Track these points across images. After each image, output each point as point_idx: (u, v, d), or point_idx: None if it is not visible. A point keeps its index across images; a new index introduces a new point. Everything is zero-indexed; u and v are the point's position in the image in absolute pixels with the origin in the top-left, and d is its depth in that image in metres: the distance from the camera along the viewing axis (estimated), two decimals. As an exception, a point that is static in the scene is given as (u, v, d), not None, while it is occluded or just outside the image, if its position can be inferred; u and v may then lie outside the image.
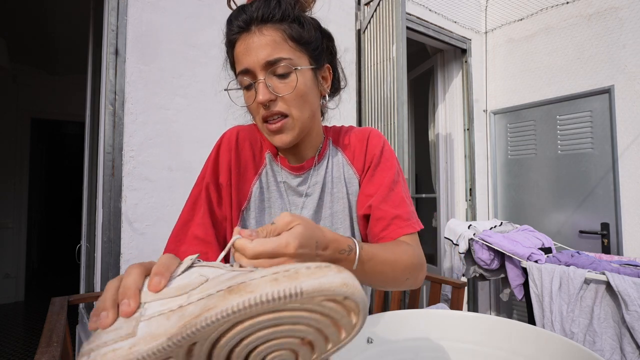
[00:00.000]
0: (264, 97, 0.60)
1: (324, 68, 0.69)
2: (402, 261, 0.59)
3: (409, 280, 0.60)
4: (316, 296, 0.28)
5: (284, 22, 0.61)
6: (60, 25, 3.09)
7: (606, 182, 2.26)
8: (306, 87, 0.63)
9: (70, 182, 5.98)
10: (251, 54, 0.60)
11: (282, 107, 0.62)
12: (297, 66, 0.61)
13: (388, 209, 0.67)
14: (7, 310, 3.79)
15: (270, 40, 0.60)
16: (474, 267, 2.12)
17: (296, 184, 0.71)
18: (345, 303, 0.30)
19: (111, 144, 1.39)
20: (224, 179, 0.68)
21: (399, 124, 1.85)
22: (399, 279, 0.58)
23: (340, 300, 0.30)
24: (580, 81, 2.39)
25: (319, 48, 0.66)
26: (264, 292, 0.27)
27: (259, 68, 0.60)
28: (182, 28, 1.56)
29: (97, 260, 1.43)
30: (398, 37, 1.84)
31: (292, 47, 0.61)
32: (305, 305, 0.29)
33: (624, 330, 1.53)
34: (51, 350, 0.72)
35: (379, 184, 0.70)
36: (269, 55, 0.59)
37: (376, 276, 0.55)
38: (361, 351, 0.51)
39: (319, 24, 0.68)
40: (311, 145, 0.72)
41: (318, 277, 0.28)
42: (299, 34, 0.62)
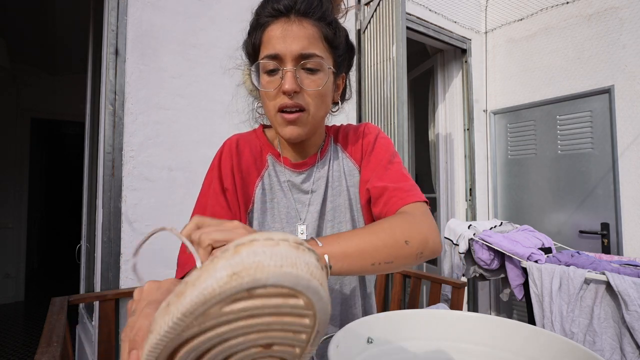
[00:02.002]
0: (291, 87, 0.59)
1: (340, 76, 0.71)
2: (398, 235, 0.54)
3: (420, 254, 0.55)
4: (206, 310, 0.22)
5: (322, 22, 0.62)
6: (60, 25, 3.09)
7: (606, 182, 2.26)
8: (328, 88, 0.64)
9: (70, 182, 5.98)
10: (287, 41, 0.59)
11: (304, 101, 0.62)
12: (328, 66, 0.63)
13: (385, 184, 0.66)
14: (7, 310, 3.79)
15: (309, 34, 0.60)
16: (474, 267, 2.12)
17: (300, 181, 0.72)
18: (258, 293, 0.22)
19: (111, 144, 1.39)
20: (229, 183, 0.69)
21: (399, 124, 1.85)
22: (405, 256, 0.54)
23: (247, 297, 0.22)
24: (580, 81, 2.39)
25: (343, 56, 0.68)
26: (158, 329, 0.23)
27: (291, 57, 0.60)
28: (182, 28, 1.56)
29: (97, 260, 1.43)
30: (398, 37, 1.84)
31: (324, 47, 0.63)
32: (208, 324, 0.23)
33: (624, 330, 1.53)
34: (51, 350, 0.72)
35: (374, 165, 0.71)
36: (305, 48, 0.60)
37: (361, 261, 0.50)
38: (361, 351, 0.51)
39: (348, 34, 0.70)
40: (314, 144, 0.73)
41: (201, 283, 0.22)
42: (332, 36, 0.64)
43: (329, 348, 0.43)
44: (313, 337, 0.27)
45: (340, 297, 0.73)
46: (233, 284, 0.21)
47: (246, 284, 0.21)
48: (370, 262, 0.51)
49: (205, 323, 0.22)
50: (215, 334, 0.23)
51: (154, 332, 0.23)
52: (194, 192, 1.59)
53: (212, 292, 0.21)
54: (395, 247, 0.53)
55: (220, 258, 0.23)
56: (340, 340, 0.46)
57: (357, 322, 0.52)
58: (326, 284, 0.25)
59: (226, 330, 0.23)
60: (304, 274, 0.23)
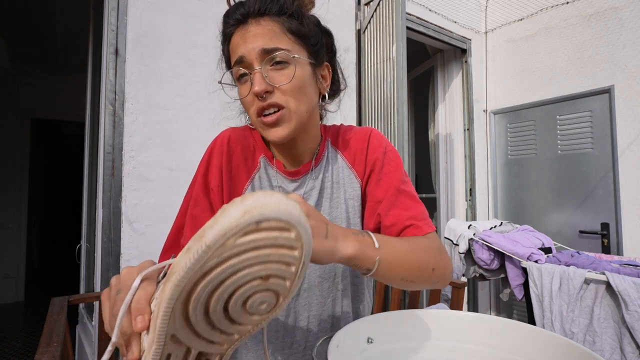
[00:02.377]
0: (260, 88, 0.57)
1: (323, 66, 0.67)
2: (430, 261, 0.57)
3: (436, 282, 0.58)
4: (224, 241, 0.27)
5: (282, 16, 0.59)
6: (60, 25, 3.09)
7: (606, 182, 2.26)
8: (304, 80, 0.61)
9: (70, 182, 5.98)
10: (247, 43, 0.58)
11: (279, 99, 0.59)
12: (295, 55, 0.59)
13: (399, 212, 0.65)
14: (7, 310, 3.79)
15: (268, 30, 0.58)
16: (474, 267, 2.12)
17: (292, 189, 0.69)
18: (263, 226, 0.28)
19: (111, 144, 1.39)
20: (215, 183, 0.67)
21: (399, 124, 1.85)
22: (426, 280, 0.57)
23: (254, 229, 0.28)
24: (580, 81, 2.39)
25: (318, 44, 0.64)
26: (181, 267, 0.27)
27: (254, 56, 0.57)
28: (182, 28, 1.56)
29: (97, 260, 1.43)
30: (398, 37, 1.84)
31: (290, 40, 0.60)
32: (224, 255, 0.28)
33: (624, 330, 1.53)
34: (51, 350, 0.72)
35: (386, 187, 0.67)
36: (266, 43, 0.57)
37: (396, 273, 0.52)
38: (361, 351, 0.51)
39: (318, 21, 0.66)
40: (308, 147, 0.69)
41: (218, 222, 0.27)
42: (297, 27, 0.60)
43: (329, 348, 0.43)
44: (300, 269, 0.32)
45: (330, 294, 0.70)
46: (246, 218, 0.27)
47: (256, 217, 0.27)
48: (401, 276, 0.53)
49: (223, 254, 0.28)
50: (228, 265, 0.28)
51: (177, 271, 0.27)
52: (194, 192, 1.59)
53: (229, 225, 0.27)
54: (424, 270, 0.56)
55: (231, 205, 0.28)
56: (340, 340, 0.46)
57: (357, 322, 0.52)
58: (309, 225, 0.32)
59: (237, 262, 0.28)
60: (295, 211, 0.29)
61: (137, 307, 0.32)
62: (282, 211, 0.28)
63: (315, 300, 0.68)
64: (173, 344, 0.31)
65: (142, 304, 0.32)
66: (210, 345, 0.34)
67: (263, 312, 0.34)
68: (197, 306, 0.30)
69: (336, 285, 0.70)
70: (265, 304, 0.33)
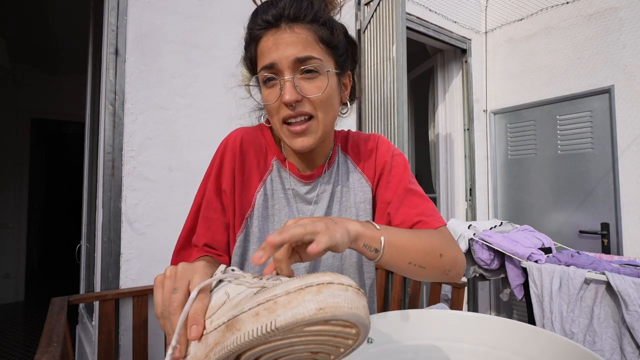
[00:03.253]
0: (291, 97, 0.56)
1: (346, 75, 0.67)
2: (436, 246, 0.58)
3: (448, 271, 0.59)
4: (293, 328, 0.30)
5: (315, 23, 0.59)
6: (60, 25, 3.09)
7: (606, 182, 2.26)
8: (332, 91, 0.61)
9: (70, 182, 5.98)
10: (279, 50, 0.57)
11: (308, 108, 0.59)
12: (328, 68, 0.59)
13: (408, 210, 0.66)
14: (7, 310, 3.79)
15: (302, 39, 0.57)
16: (474, 267, 2.12)
17: (304, 192, 0.70)
18: (332, 323, 0.31)
19: (111, 144, 1.39)
20: (227, 185, 0.67)
21: (399, 124, 1.85)
22: (436, 267, 0.57)
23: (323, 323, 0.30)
24: (580, 81, 2.39)
25: (345, 54, 0.65)
26: (247, 331, 0.30)
27: (287, 65, 0.57)
28: (182, 28, 1.56)
29: (97, 260, 1.43)
30: (398, 37, 1.84)
31: (322, 49, 0.59)
32: (288, 335, 0.30)
33: (624, 330, 1.53)
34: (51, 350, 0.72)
35: (395, 188, 0.69)
36: (300, 52, 0.56)
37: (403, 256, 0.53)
38: (361, 351, 0.51)
39: (347, 30, 0.66)
40: (323, 152, 0.70)
41: (292, 308, 0.30)
42: (329, 37, 0.60)
43: (329, 348, 0.43)
44: (348, 352, 0.36)
45: None
46: (319, 316, 0.29)
47: (328, 316, 0.30)
48: (408, 260, 0.54)
49: (287, 335, 0.30)
50: (289, 342, 0.32)
51: (243, 331, 0.30)
52: (193, 192, 1.58)
53: (303, 318, 0.29)
54: (431, 255, 0.57)
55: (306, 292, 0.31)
56: (340, 340, 0.46)
57: (357, 322, 0.52)
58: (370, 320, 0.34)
59: (297, 340, 0.32)
60: (363, 315, 0.32)
61: (194, 317, 0.35)
62: (353, 315, 0.31)
63: None
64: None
65: (199, 315, 0.35)
66: None
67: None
68: (249, 357, 0.33)
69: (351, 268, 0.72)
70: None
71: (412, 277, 0.58)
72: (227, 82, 1.66)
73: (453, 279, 0.62)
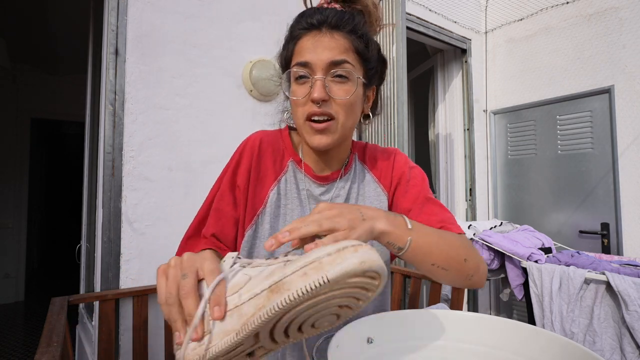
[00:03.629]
0: (319, 95, 0.60)
1: (371, 88, 0.72)
2: (461, 251, 0.60)
3: (470, 276, 0.61)
4: (341, 280, 0.34)
5: (353, 35, 0.64)
6: (60, 25, 3.09)
7: (606, 182, 2.26)
8: (357, 98, 0.65)
9: (70, 182, 5.98)
10: (317, 50, 0.61)
11: (332, 109, 0.63)
12: (358, 75, 0.63)
13: (429, 217, 0.67)
14: (7, 310, 3.79)
15: (340, 45, 0.62)
16: (474, 267, 2.12)
17: (319, 193, 0.72)
18: (367, 274, 0.36)
19: (111, 144, 1.39)
20: (242, 181, 0.70)
21: (399, 124, 1.85)
22: (459, 271, 0.59)
23: (361, 274, 0.36)
24: (580, 81, 2.39)
25: (374, 69, 0.69)
26: (298, 288, 0.33)
27: (321, 65, 0.61)
28: (182, 28, 1.56)
29: (97, 260, 1.43)
30: (398, 37, 1.84)
31: (355, 58, 0.64)
32: (334, 287, 0.35)
33: (624, 330, 1.53)
34: (51, 350, 0.72)
35: (414, 197, 0.71)
36: (336, 56, 0.61)
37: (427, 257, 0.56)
38: (361, 351, 0.51)
39: (380, 48, 0.71)
40: (339, 158, 0.73)
41: (339, 263, 0.34)
42: (363, 49, 0.65)
43: (329, 348, 0.43)
44: (364, 303, 0.41)
45: None
46: (361, 267, 0.35)
47: (367, 268, 0.35)
48: (432, 261, 0.57)
49: (333, 287, 0.35)
50: (330, 295, 0.36)
51: (292, 290, 0.34)
52: (193, 192, 1.59)
53: (349, 270, 0.34)
54: (455, 259, 0.59)
55: (346, 252, 0.36)
56: (340, 340, 0.46)
57: (357, 322, 0.52)
58: None
59: (337, 294, 0.36)
60: (385, 267, 0.38)
61: (216, 298, 0.38)
62: (381, 267, 0.37)
63: None
64: (252, 338, 0.37)
65: (221, 297, 0.38)
66: (272, 343, 0.40)
67: (324, 328, 0.43)
68: (288, 319, 0.36)
69: None
70: (328, 323, 0.42)
71: (433, 277, 0.60)
72: (227, 82, 1.67)
73: (475, 285, 0.64)
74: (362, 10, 0.68)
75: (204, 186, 1.56)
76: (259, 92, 1.70)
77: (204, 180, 1.56)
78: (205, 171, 1.57)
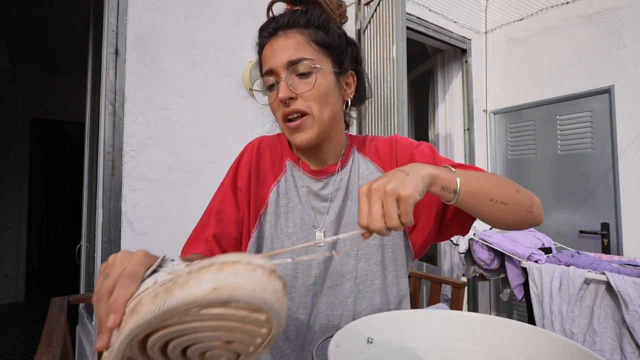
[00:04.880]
0: (284, 94, 0.62)
1: (347, 74, 0.70)
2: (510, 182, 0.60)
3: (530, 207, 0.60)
4: (188, 309, 0.27)
5: (309, 27, 0.65)
6: (60, 25, 3.09)
7: (606, 182, 2.26)
8: (327, 88, 0.65)
9: (70, 182, 5.98)
10: (276, 55, 0.63)
11: (302, 105, 0.63)
12: (317, 65, 0.63)
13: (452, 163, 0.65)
14: (7, 310, 3.79)
15: (295, 42, 0.63)
16: (474, 267, 2.12)
17: (318, 188, 0.72)
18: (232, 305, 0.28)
19: (111, 144, 1.39)
20: (243, 183, 0.71)
21: (399, 124, 1.85)
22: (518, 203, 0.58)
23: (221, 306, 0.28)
24: (580, 81, 2.39)
25: (343, 53, 0.69)
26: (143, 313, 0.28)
27: (281, 67, 0.63)
28: (182, 28, 1.56)
29: (97, 261, 1.43)
30: (398, 37, 1.84)
31: (315, 50, 0.64)
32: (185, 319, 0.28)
33: (624, 330, 1.53)
34: (51, 350, 0.72)
35: (420, 159, 0.70)
36: (292, 55, 0.62)
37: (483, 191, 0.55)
38: (361, 351, 0.51)
39: (344, 32, 0.71)
40: (333, 151, 0.73)
41: (189, 287, 0.27)
42: (323, 38, 0.65)
43: (329, 348, 0.43)
44: (266, 343, 0.33)
45: None
46: (213, 296, 0.27)
47: (224, 298, 0.27)
48: (489, 197, 0.56)
49: (184, 318, 0.28)
50: (189, 327, 0.29)
51: (141, 314, 0.28)
52: (193, 192, 1.59)
53: (195, 298, 0.27)
54: (508, 191, 0.58)
55: (207, 271, 0.28)
56: (340, 340, 0.46)
57: (357, 322, 0.52)
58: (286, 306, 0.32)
59: (198, 325, 0.29)
60: (270, 298, 0.29)
61: (112, 305, 0.33)
62: (255, 297, 0.28)
63: (336, 300, 0.69)
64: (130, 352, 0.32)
65: (119, 303, 0.33)
66: None
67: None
68: (155, 345, 0.31)
69: (357, 285, 0.70)
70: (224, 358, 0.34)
71: (495, 219, 0.58)
72: (227, 82, 1.67)
73: (536, 219, 0.62)
74: (317, 2, 0.67)
75: (204, 186, 1.56)
76: (259, 92, 1.70)
77: (204, 180, 1.56)
78: (205, 171, 1.57)
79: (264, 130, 1.71)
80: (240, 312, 0.28)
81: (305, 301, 0.68)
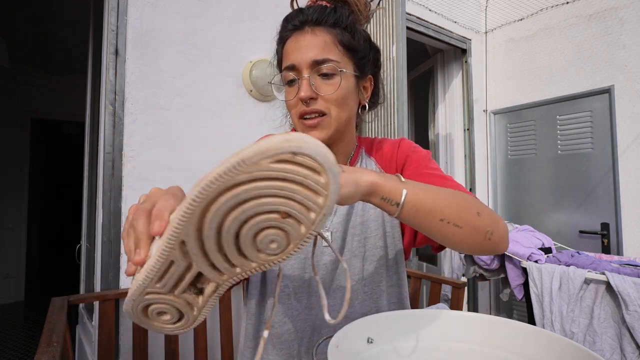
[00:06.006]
0: (306, 94, 0.61)
1: (366, 78, 0.71)
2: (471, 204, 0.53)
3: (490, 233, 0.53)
4: (259, 160, 0.28)
5: (336, 28, 0.64)
6: (60, 25, 3.09)
7: (606, 182, 2.26)
8: (347, 91, 0.65)
9: (70, 182, 5.97)
10: (300, 51, 0.62)
11: (322, 106, 0.63)
12: (342, 69, 0.63)
13: (426, 179, 0.63)
14: (7, 310, 3.79)
15: (321, 41, 0.62)
16: (474, 267, 2.12)
17: None
18: (297, 160, 0.29)
19: (111, 144, 1.39)
20: None
21: (399, 124, 1.85)
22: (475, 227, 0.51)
23: (289, 159, 0.29)
24: (580, 81, 2.39)
25: (365, 58, 0.68)
26: (214, 173, 0.29)
27: (305, 65, 0.62)
28: (182, 28, 1.56)
29: (97, 260, 1.43)
30: (398, 37, 1.84)
31: (340, 52, 0.64)
32: (255, 174, 0.29)
33: (624, 330, 1.53)
34: (51, 350, 0.72)
35: (416, 165, 0.69)
36: (318, 54, 0.61)
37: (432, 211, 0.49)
38: (361, 351, 0.51)
39: (369, 37, 0.71)
40: (343, 152, 0.72)
41: (259, 142, 0.29)
42: (349, 40, 0.64)
43: (329, 348, 0.43)
44: (319, 219, 0.33)
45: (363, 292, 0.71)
46: (285, 145, 0.28)
47: (294, 147, 0.29)
48: (440, 217, 0.49)
49: (253, 172, 0.29)
50: (255, 187, 0.30)
51: (206, 177, 0.29)
52: (194, 192, 1.58)
53: (268, 146, 0.28)
54: (466, 212, 0.52)
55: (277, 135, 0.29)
56: (340, 340, 0.46)
57: (357, 322, 0.52)
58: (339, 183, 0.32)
59: (263, 186, 0.30)
60: (331, 157, 0.31)
61: (157, 213, 0.33)
62: (319, 152, 0.30)
63: (343, 302, 0.69)
64: (179, 252, 0.32)
65: (163, 211, 0.33)
66: (211, 269, 0.34)
67: (271, 253, 0.35)
68: (213, 219, 0.31)
69: (363, 287, 0.70)
70: (275, 243, 0.34)
71: (445, 241, 0.53)
72: (227, 82, 1.67)
73: (497, 247, 0.55)
74: (346, 1, 0.66)
75: (204, 186, 1.55)
76: (259, 92, 1.71)
77: (204, 180, 1.56)
78: (205, 171, 1.57)
79: (264, 130, 1.71)
80: (304, 170, 0.30)
81: (311, 302, 0.68)
